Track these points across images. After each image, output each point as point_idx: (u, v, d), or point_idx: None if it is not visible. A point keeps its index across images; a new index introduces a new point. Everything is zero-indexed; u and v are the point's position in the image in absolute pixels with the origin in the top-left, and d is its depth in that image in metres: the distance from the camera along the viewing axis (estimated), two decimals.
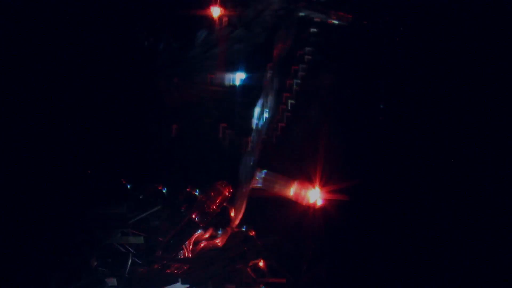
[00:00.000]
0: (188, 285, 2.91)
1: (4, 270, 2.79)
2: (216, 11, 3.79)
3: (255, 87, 3.76)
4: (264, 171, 3.50)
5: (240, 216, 3.41)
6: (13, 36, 3.40)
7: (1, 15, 3.39)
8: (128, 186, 3.50)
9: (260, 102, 3.68)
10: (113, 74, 3.63)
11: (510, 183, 3.34)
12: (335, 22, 3.76)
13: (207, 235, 3.36)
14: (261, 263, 3.20)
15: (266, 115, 3.67)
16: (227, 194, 3.35)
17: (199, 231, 3.32)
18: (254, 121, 3.67)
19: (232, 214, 3.41)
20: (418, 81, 3.62)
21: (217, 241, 3.32)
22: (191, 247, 3.26)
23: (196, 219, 3.23)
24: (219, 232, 3.38)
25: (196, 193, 3.44)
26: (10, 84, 3.35)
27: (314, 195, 3.43)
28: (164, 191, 3.54)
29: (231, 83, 3.86)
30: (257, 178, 3.47)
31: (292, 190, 3.46)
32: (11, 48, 3.39)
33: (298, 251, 3.28)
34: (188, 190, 3.47)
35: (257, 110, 3.68)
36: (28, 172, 3.20)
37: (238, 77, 3.86)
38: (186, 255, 3.21)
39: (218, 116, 3.80)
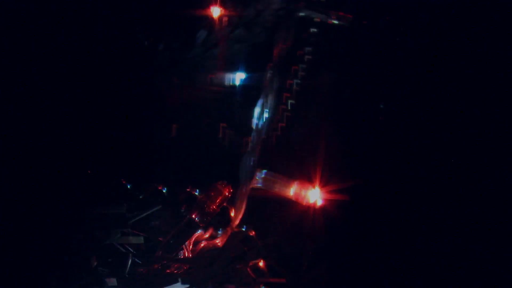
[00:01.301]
0: (188, 285, 2.92)
1: (4, 270, 2.79)
2: (216, 11, 3.79)
3: (255, 87, 3.75)
4: (264, 171, 3.50)
5: (240, 216, 3.42)
6: (12, 36, 3.40)
7: (1, 14, 3.40)
8: (128, 186, 3.51)
9: (260, 102, 3.68)
10: (113, 74, 3.63)
11: (510, 183, 3.34)
12: (335, 22, 3.76)
13: (207, 235, 3.36)
14: (261, 263, 3.20)
15: (266, 115, 3.67)
16: (227, 194, 3.35)
17: (199, 231, 3.33)
18: (254, 121, 3.67)
19: (232, 214, 3.41)
20: (418, 81, 3.62)
21: (217, 241, 3.32)
22: (191, 247, 3.27)
23: (196, 219, 3.24)
24: (219, 232, 3.39)
25: (196, 193, 3.45)
26: (10, 84, 3.35)
27: (314, 195, 3.43)
28: (164, 191, 3.54)
29: (231, 83, 3.86)
30: (257, 178, 3.47)
31: (292, 190, 3.46)
32: (11, 48, 3.39)
33: (298, 251, 3.28)
34: (188, 190, 3.47)
35: (257, 110, 3.67)
36: (28, 172, 3.20)
37: (238, 77, 3.86)
38: (186, 255, 3.21)
39: (218, 116, 3.80)
